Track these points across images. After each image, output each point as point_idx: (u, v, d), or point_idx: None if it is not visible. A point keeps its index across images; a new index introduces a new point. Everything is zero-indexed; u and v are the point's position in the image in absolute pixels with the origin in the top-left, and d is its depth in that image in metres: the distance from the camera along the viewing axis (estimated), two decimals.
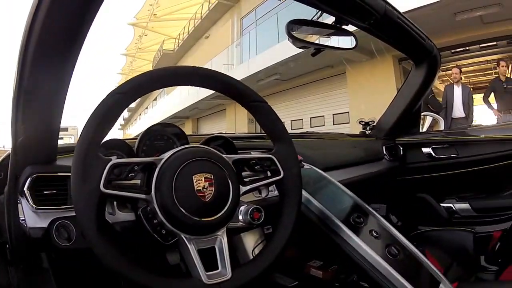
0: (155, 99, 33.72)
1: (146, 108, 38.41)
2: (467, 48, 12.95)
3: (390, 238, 1.53)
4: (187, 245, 1.01)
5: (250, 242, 1.73)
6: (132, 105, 31.66)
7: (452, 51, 12.87)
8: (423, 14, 9.78)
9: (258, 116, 1.24)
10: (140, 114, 41.41)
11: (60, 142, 1.25)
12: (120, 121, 41.31)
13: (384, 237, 1.52)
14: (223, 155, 1.14)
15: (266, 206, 1.23)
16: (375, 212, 1.64)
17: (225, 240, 1.07)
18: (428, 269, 1.46)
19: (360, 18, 1.83)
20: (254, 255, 1.45)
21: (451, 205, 2.64)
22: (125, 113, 42.35)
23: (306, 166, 1.75)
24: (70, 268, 1.27)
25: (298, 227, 1.21)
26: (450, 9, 10.28)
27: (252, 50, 18.44)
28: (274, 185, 1.27)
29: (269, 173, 1.24)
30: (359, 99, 13.91)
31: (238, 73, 16.94)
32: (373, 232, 1.50)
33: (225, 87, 1.19)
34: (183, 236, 1.02)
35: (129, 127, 46.17)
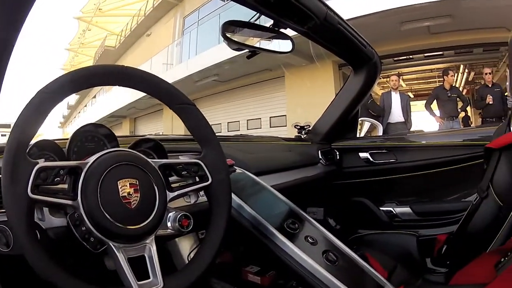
0: (94, 97, 32.53)
1: (85, 106, 37.05)
2: (410, 56, 13.32)
3: (327, 244, 1.51)
4: (116, 253, 0.95)
5: (186, 247, 1.68)
6: (72, 102, 30.95)
7: (395, 59, 13.22)
8: (370, 22, 9.97)
9: (186, 119, 1.19)
10: (79, 112, 40.08)
11: (4, 139, 1.19)
12: (60, 118, 40.23)
13: (320, 243, 1.49)
14: (149, 160, 1.09)
15: (198, 211, 1.19)
16: (310, 218, 1.61)
17: (154, 249, 1.02)
18: (370, 274, 1.46)
19: (299, 22, 1.84)
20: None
21: (391, 209, 2.66)
22: (65, 111, 41.05)
23: (238, 170, 1.69)
24: (14, 275, 1.20)
25: (232, 233, 1.18)
26: (396, 19, 10.53)
27: (192, 50, 18.32)
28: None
29: (197, 178, 1.18)
30: (297, 103, 13.87)
31: (177, 73, 16.99)
32: (308, 238, 1.47)
33: (152, 88, 1.13)
34: (111, 244, 0.95)
35: (68, 125, 44.90)
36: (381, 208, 2.68)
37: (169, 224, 1.08)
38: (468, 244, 2.02)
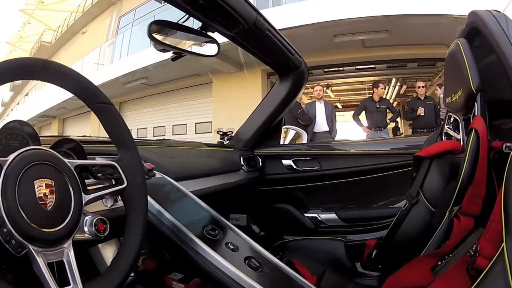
0: (27, 95, 31.06)
1: (18, 103, 35.50)
2: (341, 68, 13.63)
3: (249, 251, 1.48)
4: (36, 257, 0.88)
5: (108, 253, 1.60)
6: (6, 98, 29.75)
7: (325, 70, 13.49)
8: (303, 33, 10.14)
9: (104, 119, 1.13)
10: (12, 110, 38.84)
11: None
12: None
13: (242, 249, 1.46)
14: (65, 160, 1.02)
15: (116, 216, 1.15)
16: (231, 225, 1.58)
17: (72, 254, 0.94)
18: (296, 280, 1.43)
19: (227, 26, 1.80)
20: None
21: (316, 215, 2.69)
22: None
23: (158, 175, 1.63)
24: None
25: (153, 240, 1.16)
26: (330, 31, 10.74)
27: (124, 51, 17.99)
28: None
29: (113, 181, 1.13)
30: (223, 110, 13.94)
31: (107, 74, 16.68)
32: (229, 245, 1.43)
33: (72, 84, 1.07)
34: (31, 248, 0.88)
35: (1, 123, 43.32)
36: (306, 215, 2.70)
37: (86, 228, 1.02)
38: (400, 248, 2.06)
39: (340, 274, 2.23)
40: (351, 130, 10.89)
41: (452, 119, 2.00)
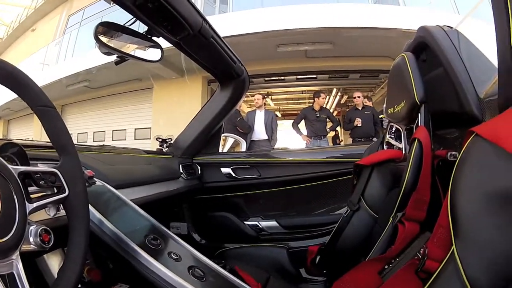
0: None
1: None
2: (282, 78, 13.75)
3: (192, 260, 1.46)
4: None
5: (54, 264, 1.55)
6: None
7: (266, 78, 13.58)
8: (248, 41, 10.19)
9: (46, 122, 1.05)
10: None
11: None
12: None
13: (185, 259, 1.43)
14: (9, 166, 0.97)
15: (60, 226, 1.10)
16: (172, 234, 1.55)
17: (20, 266, 0.89)
18: (240, 287, 1.43)
19: (172, 31, 1.79)
20: None
21: (256, 223, 2.70)
22: None
23: (98, 182, 1.58)
24: None
25: (95, 250, 1.09)
26: (274, 41, 10.83)
27: (70, 51, 17.21)
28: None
29: (55, 190, 1.08)
30: (163, 116, 13.80)
31: (51, 75, 15.99)
32: (172, 254, 1.40)
33: (16, 84, 1.03)
34: None
35: None
36: (246, 222, 2.71)
37: (31, 239, 0.95)
38: (343, 253, 2.09)
39: (284, 280, 2.24)
40: (290, 138, 10.98)
41: (394, 129, 2.05)
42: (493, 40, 1.00)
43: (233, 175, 2.70)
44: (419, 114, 1.64)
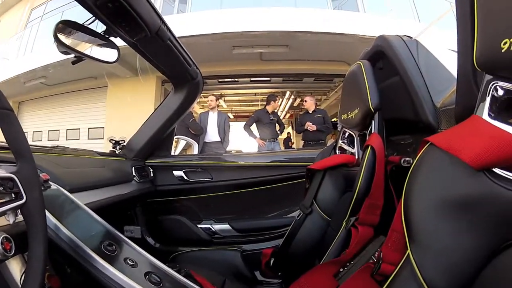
0: None
1: None
2: (236, 79, 13.76)
3: (149, 266, 1.44)
4: None
5: (16, 271, 1.52)
6: None
7: (220, 80, 13.56)
8: (203, 42, 10.16)
9: (3, 126, 1.04)
10: None
11: None
12: None
13: (141, 264, 1.41)
14: None
15: (20, 232, 1.09)
16: (128, 240, 1.54)
17: None
18: None
19: (130, 32, 1.75)
20: None
21: (209, 226, 2.70)
22: None
23: (53, 186, 1.55)
24: None
25: (53, 256, 1.07)
26: (229, 43, 10.83)
27: (30, 46, 16.46)
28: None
29: (13, 196, 1.06)
30: (116, 115, 13.42)
31: (10, 70, 15.33)
32: (128, 260, 1.38)
33: None
34: None
35: None
36: (199, 226, 2.71)
37: None
38: (297, 256, 2.11)
39: (240, 283, 2.26)
40: (242, 140, 10.98)
41: (347, 134, 2.08)
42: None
43: (185, 178, 2.70)
44: (373, 121, 1.67)
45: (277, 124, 9.02)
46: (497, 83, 0.80)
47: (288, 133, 17.93)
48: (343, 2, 12.16)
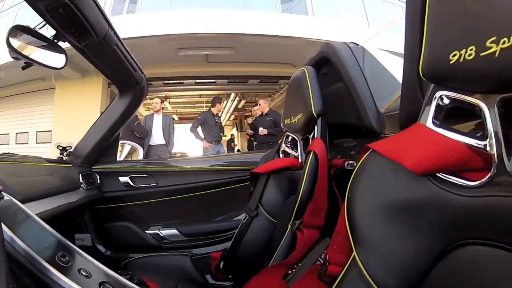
0: None
1: None
2: (181, 81, 13.68)
3: (102, 276, 1.40)
4: None
5: None
6: None
7: (165, 82, 13.45)
8: (150, 43, 10.06)
9: None
10: None
11: None
12: None
13: (95, 275, 1.37)
14: None
15: None
16: (80, 250, 1.53)
17: None
18: None
19: (78, 38, 1.74)
20: None
21: (157, 231, 2.69)
22: None
23: (6, 197, 1.54)
24: None
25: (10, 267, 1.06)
26: (175, 44, 10.76)
27: None
28: None
29: None
30: (64, 118, 12.74)
31: None
32: (82, 271, 1.36)
33: None
34: None
35: None
36: (147, 231, 2.69)
37: None
38: (246, 258, 2.14)
39: (192, 287, 2.27)
40: (187, 143, 10.92)
41: (290, 138, 2.13)
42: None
43: (131, 184, 2.68)
44: (316, 126, 1.72)
45: (220, 127, 9.02)
46: (442, 92, 0.83)
47: (232, 135, 17.96)
48: (292, 6, 12.26)
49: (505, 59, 0.63)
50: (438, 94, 0.83)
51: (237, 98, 16.70)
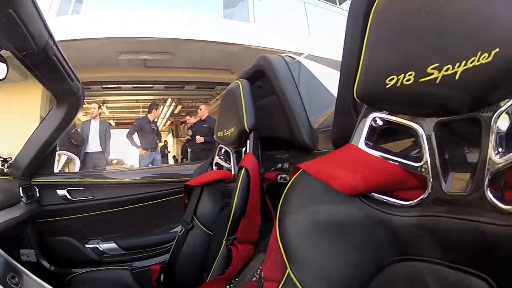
0: None
1: None
2: (119, 86, 13.49)
3: None
4: None
5: None
6: None
7: (104, 86, 13.24)
8: (90, 47, 9.87)
9: None
10: None
11: None
12: None
13: None
14: None
15: None
16: (26, 271, 1.50)
17: None
18: None
19: (18, 48, 1.71)
20: None
21: (97, 245, 2.64)
22: None
23: None
24: None
25: None
26: (115, 48, 10.59)
27: None
28: None
29: None
30: (3, 124, 12.73)
31: None
32: None
33: None
34: None
35: None
36: (87, 246, 2.64)
37: None
38: (185, 270, 2.16)
39: None
40: (124, 149, 10.77)
41: (223, 151, 2.16)
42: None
43: (69, 197, 2.61)
44: (248, 141, 1.75)
45: (156, 134, 8.97)
46: (377, 114, 0.83)
47: (165, 141, 17.83)
48: (234, 11, 12.28)
49: (446, 85, 0.65)
50: (372, 115, 0.84)
51: (174, 104, 16.59)
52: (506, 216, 0.60)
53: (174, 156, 16.57)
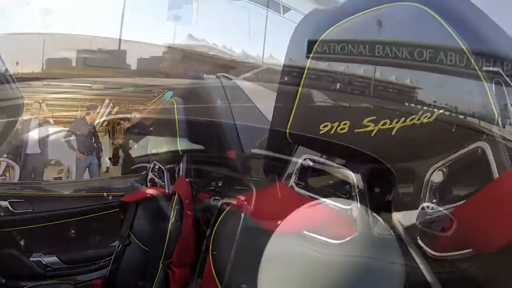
0: None
1: None
2: (59, 83, 13.20)
3: None
4: None
5: None
6: None
7: (44, 83, 12.93)
8: (35, 41, 9.62)
9: None
10: None
11: None
12: None
13: None
14: None
15: None
16: None
17: None
18: None
19: None
20: None
21: (40, 259, 2.61)
22: None
23: None
24: None
25: None
26: (58, 44, 10.34)
27: None
28: None
29: None
30: None
31: None
32: None
33: None
34: None
35: None
36: (31, 259, 2.60)
37: None
38: (126, 285, 2.17)
39: None
40: (61, 150, 10.55)
41: (157, 167, 2.17)
42: None
43: (11, 209, 2.58)
44: (181, 163, 1.77)
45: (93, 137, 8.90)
46: (309, 156, 0.86)
47: (100, 142, 17.51)
48: (179, 14, 12.17)
49: (381, 139, 0.69)
50: (304, 156, 0.88)
51: (111, 105, 16.34)
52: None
53: (110, 158, 16.30)
